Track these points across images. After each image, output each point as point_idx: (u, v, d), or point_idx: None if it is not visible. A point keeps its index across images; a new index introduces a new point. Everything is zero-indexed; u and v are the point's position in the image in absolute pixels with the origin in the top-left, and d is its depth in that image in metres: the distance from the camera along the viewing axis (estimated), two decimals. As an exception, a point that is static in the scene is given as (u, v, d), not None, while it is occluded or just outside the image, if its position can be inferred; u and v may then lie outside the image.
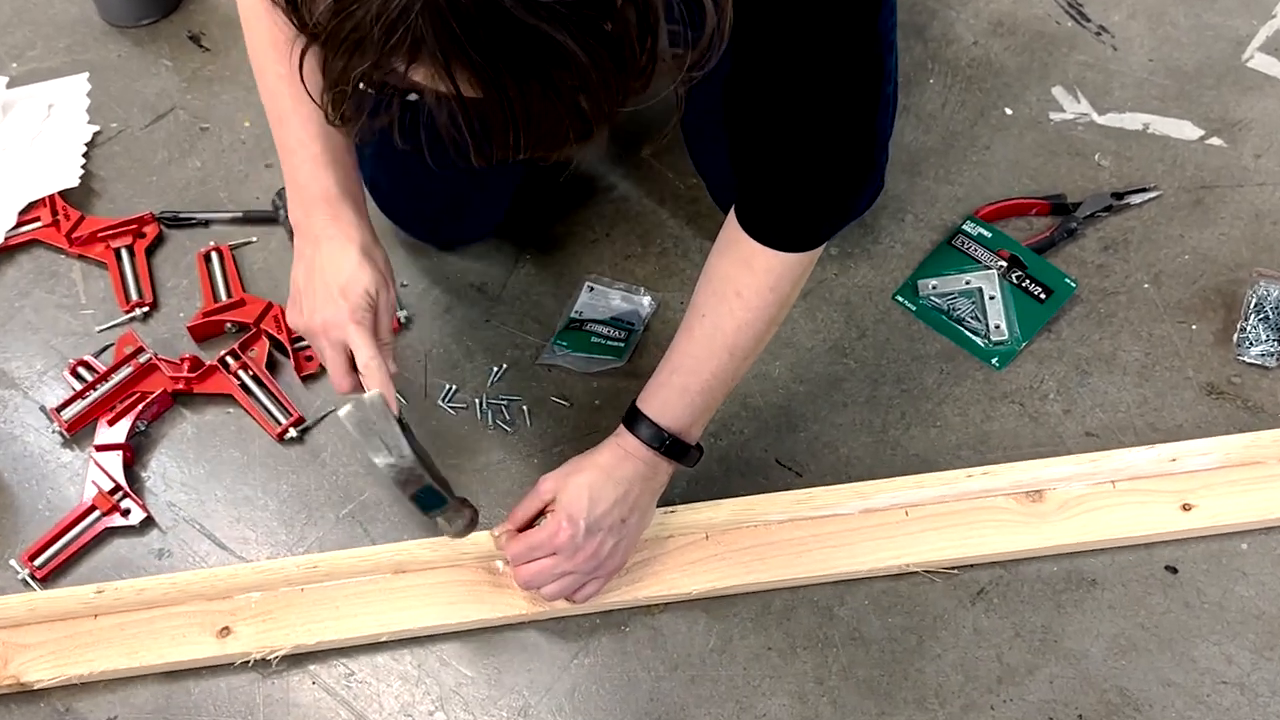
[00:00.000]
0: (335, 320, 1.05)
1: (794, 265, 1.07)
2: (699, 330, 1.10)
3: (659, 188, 1.52)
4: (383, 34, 0.71)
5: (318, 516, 1.28)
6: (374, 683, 1.17)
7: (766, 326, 1.10)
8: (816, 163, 1.02)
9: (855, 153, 1.05)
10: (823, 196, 1.05)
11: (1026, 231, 1.45)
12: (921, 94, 1.59)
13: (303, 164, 1.09)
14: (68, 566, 1.25)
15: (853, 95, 1.00)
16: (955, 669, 1.15)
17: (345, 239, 1.08)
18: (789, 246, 1.06)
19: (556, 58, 0.73)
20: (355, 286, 1.06)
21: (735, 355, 1.10)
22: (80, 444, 1.33)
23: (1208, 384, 1.32)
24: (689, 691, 1.15)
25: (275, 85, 1.09)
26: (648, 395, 1.13)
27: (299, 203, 1.10)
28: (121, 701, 1.16)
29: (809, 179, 1.03)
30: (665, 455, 1.12)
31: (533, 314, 1.42)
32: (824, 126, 1.00)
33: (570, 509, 1.10)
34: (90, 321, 1.43)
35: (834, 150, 1.02)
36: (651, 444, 1.11)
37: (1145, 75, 1.59)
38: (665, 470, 1.14)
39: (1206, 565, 1.20)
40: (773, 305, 1.08)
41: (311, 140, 1.09)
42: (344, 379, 1.07)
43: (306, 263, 1.09)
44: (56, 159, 1.57)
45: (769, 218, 1.05)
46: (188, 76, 1.66)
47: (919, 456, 1.28)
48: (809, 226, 1.06)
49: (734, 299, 1.08)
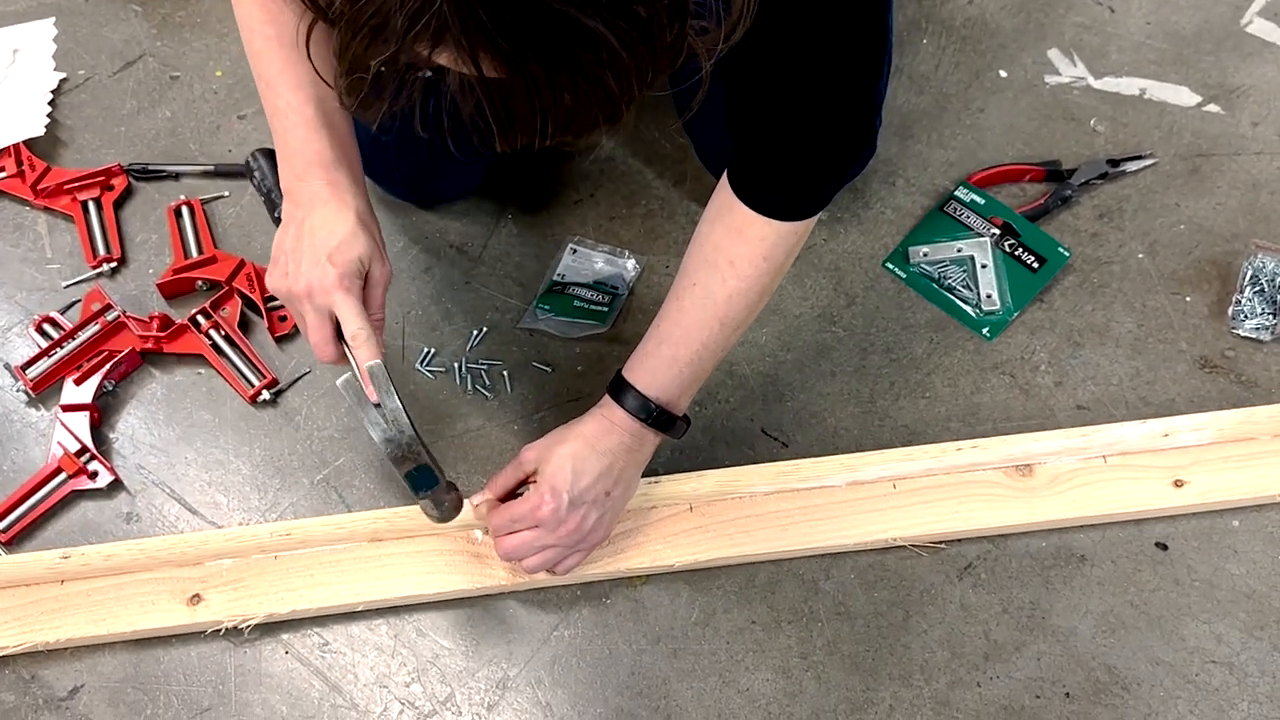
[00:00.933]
0: (321, 285, 1.00)
1: (788, 234, 1.04)
2: (689, 299, 1.07)
3: (645, 148, 1.48)
4: (406, 20, 0.68)
5: (291, 482, 1.24)
6: (349, 653, 1.14)
7: (759, 296, 1.07)
8: (816, 126, 0.99)
9: (855, 117, 1.02)
10: (820, 162, 1.02)
11: (1020, 198, 1.42)
12: (914, 54, 1.55)
13: (295, 128, 1.04)
14: (33, 530, 1.22)
15: (856, 58, 0.97)
16: (941, 645, 1.13)
17: (341, 204, 1.02)
18: (784, 214, 1.03)
19: (586, 42, 0.70)
20: (347, 253, 1.00)
21: (726, 325, 1.07)
22: (46, 403, 1.29)
23: (1201, 357, 1.30)
24: (671, 665, 1.13)
25: (263, 47, 1.04)
26: (634, 365, 1.10)
27: (290, 168, 1.05)
28: (89, 670, 1.13)
29: (807, 143, 1.00)
30: (651, 427, 1.09)
31: (514, 276, 1.38)
32: (825, 89, 0.96)
33: (553, 481, 1.07)
34: (56, 277, 1.38)
35: (834, 114, 0.99)
36: (638, 415, 1.08)
37: (1143, 39, 1.55)
38: (651, 442, 1.11)
39: (1197, 542, 1.18)
40: (766, 275, 1.05)
41: (304, 104, 1.03)
42: (328, 346, 1.02)
43: (297, 225, 1.03)
44: (21, 107, 1.51)
45: (765, 184, 1.02)
46: (157, 23, 1.60)
47: (907, 428, 1.26)
48: (805, 194, 1.03)
49: (726, 268, 1.05)
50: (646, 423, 1.08)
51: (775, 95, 0.97)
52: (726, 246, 1.05)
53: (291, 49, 1.02)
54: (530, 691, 1.12)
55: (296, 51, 1.02)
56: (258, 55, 1.06)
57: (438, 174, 1.37)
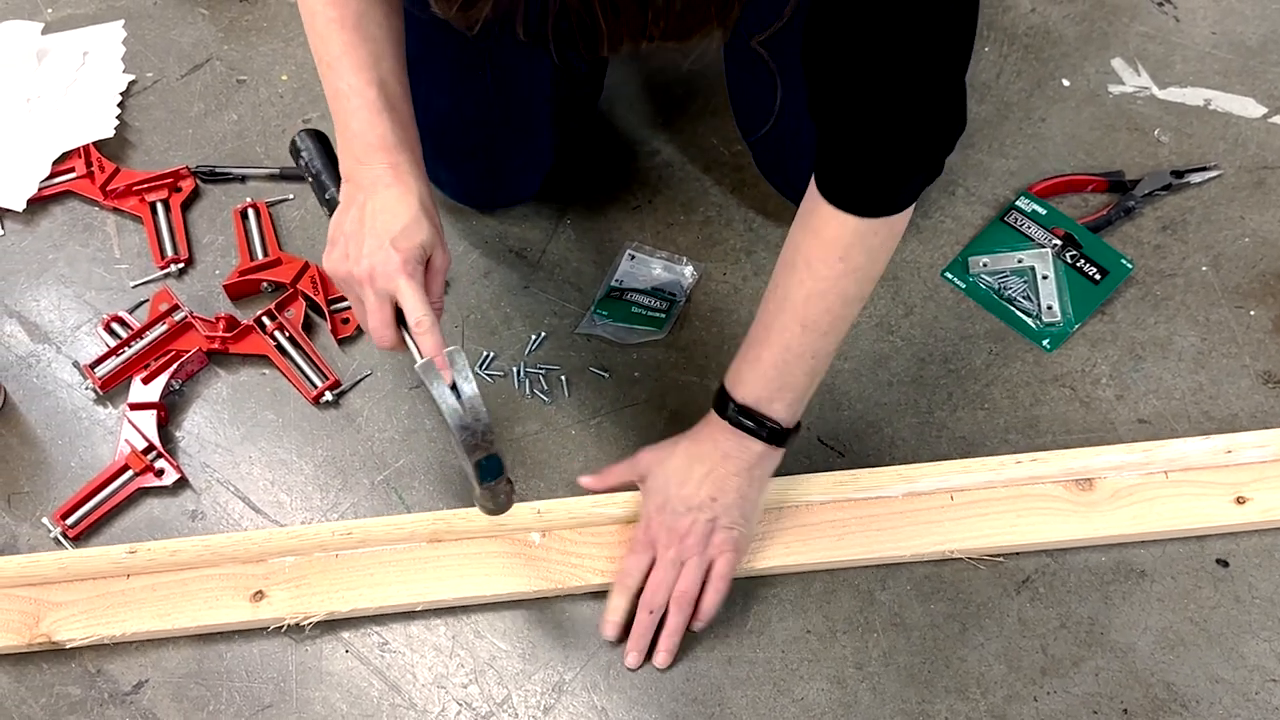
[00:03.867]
0: (385, 270, 0.99)
1: (866, 233, 1.00)
2: (772, 302, 1.07)
3: (703, 154, 1.48)
4: None
5: (353, 482, 1.26)
6: (408, 653, 1.16)
7: (839, 300, 1.04)
8: (901, 109, 0.93)
9: (945, 101, 0.96)
10: (905, 150, 0.97)
11: (1082, 209, 1.41)
12: (976, 62, 1.54)
13: (357, 111, 1.03)
14: (100, 526, 1.24)
15: (948, 36, 0.92)
16: (998, 658, 1.13)
17: (404, 189, 1.01)
18: (862, 209, 0.99)
19: None
20: (411, 238, 0.99)
21: (808, 328, 1.04)
22: (114, 401, 1.31)
23: (1265, 372, 1.28)
24: (725, 673, 1.13)
25: (325, 29, 1.03)
26: (730, 369, 1.11)
27: (351, 151, 1.04)
28: (153, 664, 1.16)
29: (889, 125, 0.94)
30: (740, 429, 1.08)
31: (572, 281, 1.39)
32: (914, 69, 0.91)
33: (653, 498, 1.11)
34: (124, 277, 1.41)
35: (922, 96, 0.93)
36: (725, 417, 1.09)
37: (1208, 49, 1.54)
38: (754, 449, 1.09)
39: (1259, 559, 1.17)
40: (843, 276, 1.02)
41: (366, 86, 1.02)
42: (388, 331, 1.01)
43: (358, 208, 1.02)
44: (91, 109, 1.54)
45: (844, 174, 0.98)
46: (224, 26, 1.63)
47: (965, 439, 1.26)
48: (885, 185, 0.99)
49: (803, 268, 1.03)
50: (736, 425, 1.08)
51: (857, 71, 0.93)
52: (804, 246, 1.03)
53: (354, 31, 1.02)
54: (586, 696, 1.13)
55: (359, 33, 1.02)
56: (320, 38, 1.04)
57: (497, 179, 1.39)
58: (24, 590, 1.18)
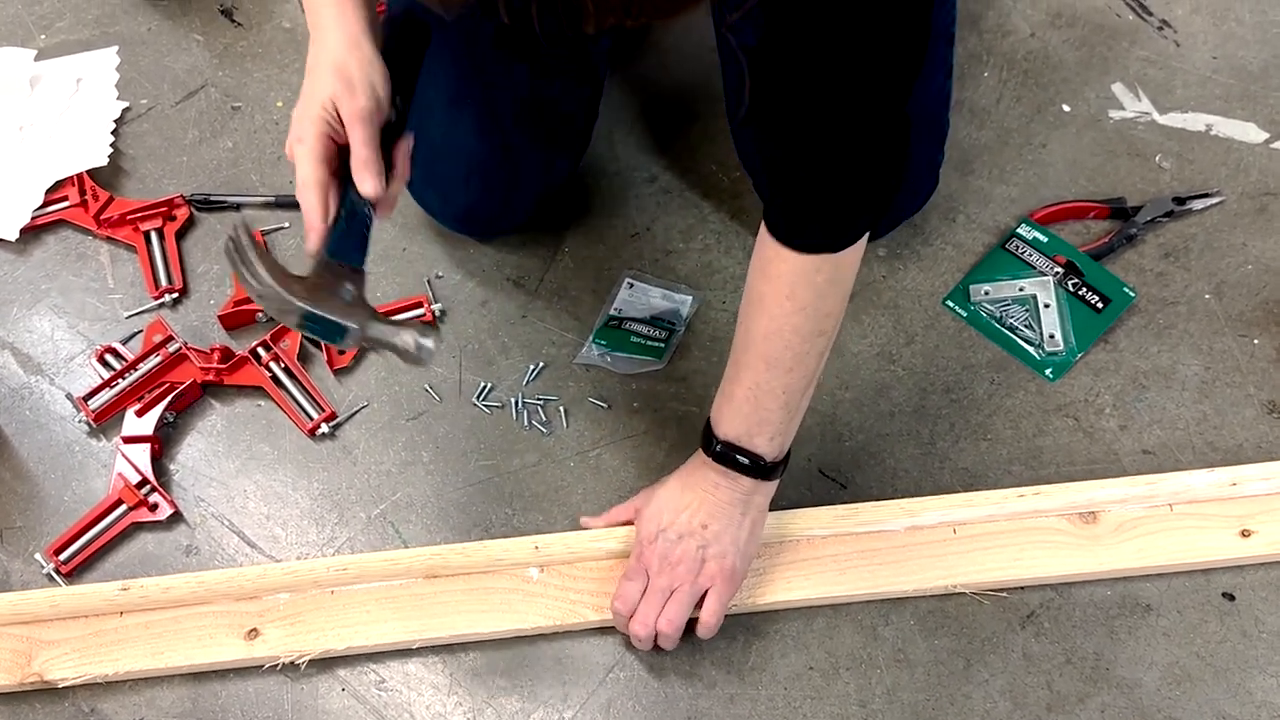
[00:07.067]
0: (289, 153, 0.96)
1: (809, 271, 0.99)
2: (738, 338, 1.07)
3: (701, 181, 1.47)
4: None
5: (349, 516, 1.25)
6: (405, 691, 1.14)
7: (796, 336, 1.03)
8: (838, 152, 0.94)
9: (882, 143, 0.97)
10: (844, 191, 0.97)
11: (1084, 236, 1.40)
12: (975, 88, 1.54)
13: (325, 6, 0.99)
14: (93, 561, 1.22)
15: (887, 74, 0.92)
16: (1003, 695, 1.11)
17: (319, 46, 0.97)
18: (805, 247, 0.99)
19: None
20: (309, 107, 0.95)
21: (771, 365, 1.04)
22: (108, 434, 1.30)
23: (1269, 402, 1.27)
24: (727, 710, 1.12)
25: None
26: (713, 407, 1.11)
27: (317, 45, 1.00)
28: (147, 703, 1.14)
29: (829, 169, 0.95)
30: (721, 463, 1.08)
31: (570, 310, 1.38)
32: (851, 113, 0.92)
33: (645, 526, 1.11)
34: (118, 307, 1.40)
35: (859, 139, 0.94)
36: (711, 454, 1.09)
37: (1209, 74, 1.53)
38: (740, 480, 1.09)
39: (1265, 593, 1.16)
40: (794, 314, 1.01)
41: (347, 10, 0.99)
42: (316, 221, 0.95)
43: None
44: (85, 136, 1.53)
45: (787, 212, 0.99)
46: (219, 52, 1.62)
47: (968, 470, 1.24)
48: (828, 224, 0.98)
49: (757, 305, 1.03)
50: (721, 461, 1.08)
51: (796, 115, 0.93)
52: (755, 284, 1.04)
53: None
54: (585, 734, 1.11)
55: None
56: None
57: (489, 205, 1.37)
58: (16, 629, 1.16)
